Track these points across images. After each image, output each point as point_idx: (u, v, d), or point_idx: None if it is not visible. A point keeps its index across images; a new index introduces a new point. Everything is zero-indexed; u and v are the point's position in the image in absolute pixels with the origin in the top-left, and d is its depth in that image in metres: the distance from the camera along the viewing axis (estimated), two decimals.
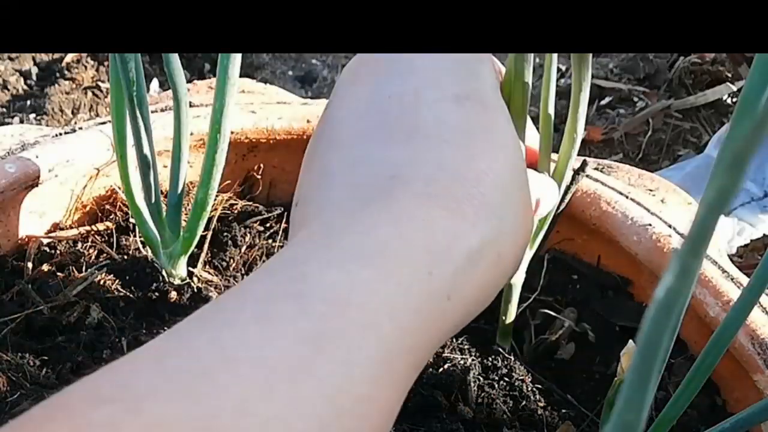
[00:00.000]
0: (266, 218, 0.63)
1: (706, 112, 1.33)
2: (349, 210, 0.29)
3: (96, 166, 0.58)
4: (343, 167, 0.31)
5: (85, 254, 0.57)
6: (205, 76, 1.43)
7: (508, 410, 0.49)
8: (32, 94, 1.34)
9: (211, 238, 0.59)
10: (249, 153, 0.65)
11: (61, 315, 0.52)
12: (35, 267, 0.55)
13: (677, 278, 0.15)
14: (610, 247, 0.57)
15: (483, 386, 0.50)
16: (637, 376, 0.16)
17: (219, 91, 0.47)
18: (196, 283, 0.56)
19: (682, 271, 0.15)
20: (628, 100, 1.39)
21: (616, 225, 0.56)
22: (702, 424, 0.50)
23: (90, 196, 0.59)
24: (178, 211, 0.53)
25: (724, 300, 0.50)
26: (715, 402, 0.52)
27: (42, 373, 0.48)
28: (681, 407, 0.41)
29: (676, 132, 1.30)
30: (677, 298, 0.15)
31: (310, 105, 0.67)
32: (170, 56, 0.47)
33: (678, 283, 0.15)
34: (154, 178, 0.51)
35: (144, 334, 0.52)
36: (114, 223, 0.59)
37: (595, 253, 0.57)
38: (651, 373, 0.16)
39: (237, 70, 0.47)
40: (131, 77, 0.46)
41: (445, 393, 0.49)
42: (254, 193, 0.65)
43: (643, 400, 0.16)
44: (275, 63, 1.53)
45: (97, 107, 1.31)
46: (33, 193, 0.56)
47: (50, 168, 0.55)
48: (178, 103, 0.49)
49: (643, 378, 0.16)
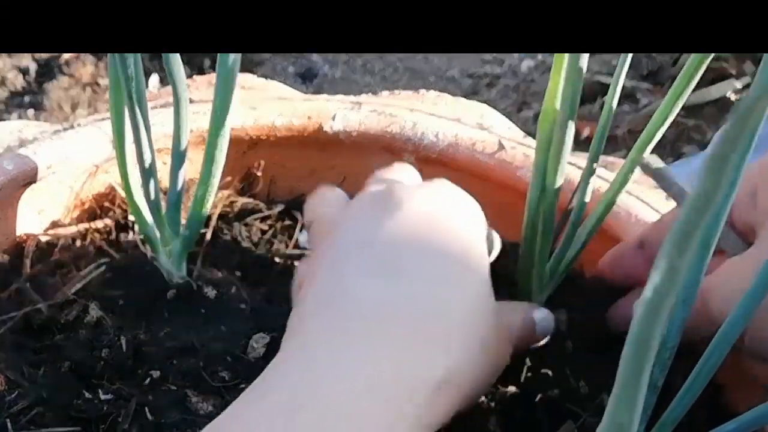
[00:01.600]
0: (267, 215, 0.62)
1: (710, 109, 1.32)
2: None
3: (95, 163, 0.58)
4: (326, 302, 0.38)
5: (84, 252, 0.56)
6: (205, 72, 1.42)
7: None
8: (31, 90, 1.33)
9: (211, 236, 0.59)
10: (249, 149, 0.64)
11: (59, 313, 0.52)
12: (33, 265, 0.55)
13: (664, 278, 0.15)
14: (614, 244, 0.57)
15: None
16: (628, 376, 0.16)
17: (219, 88, 0.47)
18: (195, 281, 0.55)
19: (669, 270, 0.15)
20: (632, 97, 1.39)
21: (620, 222, 0.56)
22: (706, 424, 0.49)
23: (89, 194, 0.59)
24: (177, 209, 0.53)
25: None
26: (718, 402, 0.52)
27: (40, 371, 0.48)
28: (685, 407, 0.41)
29: (680, 129, 1.30)
30: (665, 297, 0.15)
31: (312, 101, 0.66)
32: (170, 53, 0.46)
33: (666, 282, 0.15)
34: (153, 176, 0.50)
35: (143, 333, 0.52)
36: (113, 221, 0.59)
37: (599, 253, 0.56)
38: (641, 373, 0.16)
39: (237, 66, 0.47)
40: (130, 74, 0.45)
41: None
42: (255, 190, 0.65)
43: (635, 401, 0.16)
44: (276, 59, 1.53)
45: (96, 104, 1.31)
46: (31, 190, 0.55)
47: (49, 165, 0.55)
48: (177, 99, 0.48)
49: (633, 378, 0.16)
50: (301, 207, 0.67)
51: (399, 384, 0.34)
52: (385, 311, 0.36)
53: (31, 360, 0.49)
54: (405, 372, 0.34)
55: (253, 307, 0.55)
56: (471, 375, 0.37)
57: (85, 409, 0.46)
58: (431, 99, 0.69)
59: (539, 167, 0.45)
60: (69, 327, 0.51)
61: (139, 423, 0.45)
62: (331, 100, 0.66)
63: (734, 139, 0.14)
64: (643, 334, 0.16)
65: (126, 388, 0.48)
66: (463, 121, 0.64)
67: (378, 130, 0.63)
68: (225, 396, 0.48)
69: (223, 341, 0.52)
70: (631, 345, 0.16)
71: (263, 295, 0.57)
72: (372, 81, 1.71)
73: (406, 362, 0.35)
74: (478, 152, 0.61)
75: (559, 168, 0.44)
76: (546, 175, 0.45)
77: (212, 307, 0.55)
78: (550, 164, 0.45)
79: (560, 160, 0.44)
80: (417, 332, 0.36)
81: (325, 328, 0.37)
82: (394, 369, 0.34)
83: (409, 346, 0.35)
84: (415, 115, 0.64)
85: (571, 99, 0.40)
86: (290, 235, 0.62)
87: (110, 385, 0.48)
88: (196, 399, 0.48)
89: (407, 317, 0.36)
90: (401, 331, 0.36)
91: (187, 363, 0.49)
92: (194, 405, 0.47)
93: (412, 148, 0.63)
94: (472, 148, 0.62)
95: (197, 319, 0.54)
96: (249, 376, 0.49)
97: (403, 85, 1.71)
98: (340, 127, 0.63)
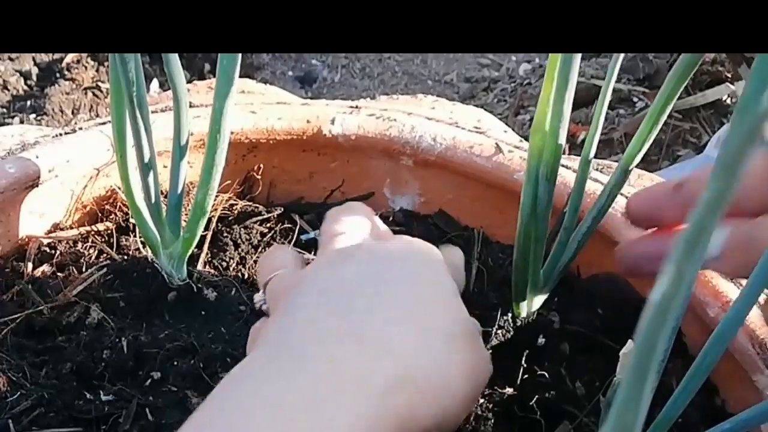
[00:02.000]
0: (266, 218, 0.63)
1: (706, 112, 1.33)
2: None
3: (96, 166, 0.58)
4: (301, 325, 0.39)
5: (85, 254, 0.57)
6: (205, 76, 1.43)
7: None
8: (32, 94, 1.34)
9: (211, 239, 0.59)
10: (249, 153, 0.65)
11: (61, 315, 0.52)
12: (35, 267, 0.55)
13: (672, 282, 0.15)
14: (610, 247, 0.57)
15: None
16: (634, 379, 0.16)
17: (219, 92, 0.47)
18: (196, 283, 0.56)
19: (677, 274, 0.15)
20: (628, 101, 1.39)
21: (615, 225, 0.56)
22: (701, 424, 0.49)
23: (90, 197, 0.60)
24: (178, 212, 0.53)
25: (723, 300, 0.50)
26: (714, 402, 0.52)
27: (42, 373, 0.48)
28: (680, 407, 0.41)
29: (676, 132, 1.30)
30: (672, 302, 0.16)
31: (310, 105, 0.67)
32: (170, 56, 0.47)
33: (673, 287, 0.15)
34: (154, 179, 0.51)
35: (144, 335, 0.52)
36: (114, 224, 0.59)
37: (594, 254, 0.57)
38: (647, 376, 0.16)
39: (237, 70, 0.47)
40: (131, 77, 0.46)
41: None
42: (254, 193, 0.65)
43: (640, 402, 0.16)
44: (275, 63, 1.53)
45: (97, 107, 1.31)
46: (33, 193, 0.56)
47: (50, 168, 0.55)
48: (178, 103, 0.49)
49: (639, 380, 0.16)
50: (300, 210, 0.67)
51: (345, 386, 0.34)
52: (333, 335, 0.37)
53: (33, 361, 0.49)
54: (351, 374, 0.35)
55: (253, 309, 0.56)
56: (434, 377, 0.38)
57: (86, 409, 0.46)
58: (429, 103, 0.70)
59: (532, 174, 0.45)
60: (70, 329, 0.52)
61: (140, 423, 0.46)
62: (330, 104, 0.67)
63: (747, 143, 0.14)
64: (649, 337, 0.16)
65: (127, 388, 0.48)
66: (460, 124, 0.65)
67: (376, 134, 0.64)
68: None
69: (222, 343, 0.52)
70: (638, 347, 0.16)
71: (263, 296, 0.58)
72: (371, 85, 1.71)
73: (352, 364, 0.35)
74: (476, 155, 0.62)
75: (551, 175, 0.45)
76: (538, 182, 0.45)
77: (212, 308, 0.55)
78: (542, 172, 0.45)
79: (553, 168, 0.44)
80: (363, 343, 0.37)
81: (277, 346, 0.38)
82: (338, 372, 0.35)
83: (358, 352, 0.36)
84: (413, 119, 0.64)
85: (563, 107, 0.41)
86: (290, 238, 0.62)
87: (111, 386, 0.48)
88: (196, 400, 0.48)
89: (357, 336, 0.37)
90: (348, 344, 0.37)
91: (187, 364, 0.50)
92: (194, 406, 0.48)
93: (410, 151, 0.64)
94: (470, 151, 0.62)
95: (197, 321, 0.54)
96: None
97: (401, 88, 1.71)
98: (339, 131, 0.64)
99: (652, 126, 0.43)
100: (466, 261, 0.59)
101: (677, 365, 0.53)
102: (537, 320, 0.55)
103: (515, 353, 0.54)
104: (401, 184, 0.66)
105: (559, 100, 0.40)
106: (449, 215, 0.65)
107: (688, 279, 0.15)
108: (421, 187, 0.66)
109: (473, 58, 1.69)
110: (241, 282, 0.59)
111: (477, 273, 0.60)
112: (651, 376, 0.16)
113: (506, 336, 0.54)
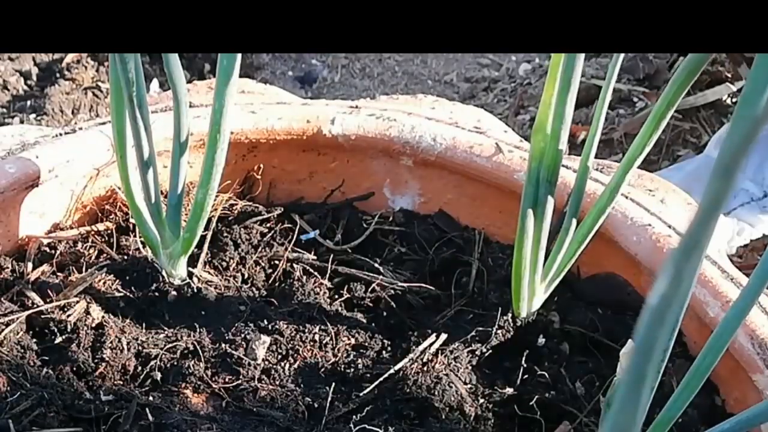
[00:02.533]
0: (266, 218, 0.63)
1: (706, 112, 1.33)
2: None
3: (96, 166, 0.58)
4: None
5: (86, 254, 0.57)
6: (205, 76, 1.43)
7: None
8: (32, 94, 1.34)
9: (211, 238, 0.59)
10: (249, 153, 0.65)
11: (61, 315, 0.52)
12: (35, 267, 0.55)
13: (671, 283, 0.15)
14: (609, 247, 0.57)
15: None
16: (632, 379, 0.16)
17: (219, 92, 0.47)
18: (195, 283, 0.56)
19: (676, 275, 0.15)
20: (628, 101, 1.39)
21: (615, 225, 0.56)
22: (701, 423, 0.50)
23: (90, 197, 0.60)
24: (178, 212, 0.53)
25: (723, 300, 0.50)
26: (714, 402, 0.52)
27: (42, 373, 0.48)
28: (680, 407, 0.41)
29: (676, 132, 1.30)
30: (671, 303, 0.15)
31: (310, 105, 0.67)
32: (170, 57, 0.47)
33: (671, 288, 0.15)
34: (154, 179, 0.51)
35: (144, 335, 0.52)
36: (114, 224, 0.59)
37: (594, 254, 0.57)
38: (645, 377, 0.16)
39: (237, 70, 0.47)
40: (131, 78, 0.46)
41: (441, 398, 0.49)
42: (254, 193, 0.65)
43: (638, 402, 0.16)
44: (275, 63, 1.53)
45: (97, 107, 1.31)
46: (33, 193, 0.56)
47: (50, 168, 0.55)
48: (178, 103, 0.49)
49: (638, 380, 0.16)
50: (300, 210, 0.67)
51: None
52: None
53: (33, 361, 0.49)
54: None
55: (253, 309, 0.56)
56: None
57: (86, 409, 0.46)
58: (429, 103, 0.70)
59: (532, 175, 0.45)
60: (71, 328, 0.52)
61: (140, 423, 0.46)
62: (330, 104, 0.67)
63: (745, 144, 0.14)
64: (647, 338, 0.16)
65: (127, 388, 0.48)
66: (460, 124, 0.65)
67: (376, 134, 0.64)
68: (225, 397, 0.49)
69: (223, 342, 0.52)
70: (636, 348, 0.16)
71: (263, 296, 0.58)
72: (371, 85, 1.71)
73: None
74: (476, 155, 0.62)
75: (552, 177, 0.45)
76: (539, 183, 0.45)
77: (212, 308, 0.56)
78: (543, 173, 0.45)
79: (554, 169, 0.44)
80: None
81: None
82: None
83: None
84: (413, 119, 0.64)
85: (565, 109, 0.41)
86: (290, 238, 0.62)
87: (111, 386, 0.48)
88: (196, 400, 0.48)
89: None
90: None
91: (187, 364, 0.50)
92: (194, 405, 0.48)
93: (410, 151, 0.64)
94: (470, 151, 0.62)
95: (197, 321, 0.54)
96: (249, 377, 0.50)
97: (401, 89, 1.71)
98: (339, 131, 0.64)
99: (653, 129, 0.43)
100: (467, 261, 0.59)
101: (677, 365, 0.53)
102: (537, 320, 0.55)
103: (515, 353, 0.55)
104: (401, 184, 0.66)
105: (561, 102, 0.40)
106: (449, 215, 0.65)
107: (687, 280, 0.15)
108: (421, 187, 0.66)
109: (473, 58, 1.69)
110: (242, 282, 0.59)
111: (477, 273, 0.60)
112: (650, 376, 0.16)
113: (506, 336, 0.54)
